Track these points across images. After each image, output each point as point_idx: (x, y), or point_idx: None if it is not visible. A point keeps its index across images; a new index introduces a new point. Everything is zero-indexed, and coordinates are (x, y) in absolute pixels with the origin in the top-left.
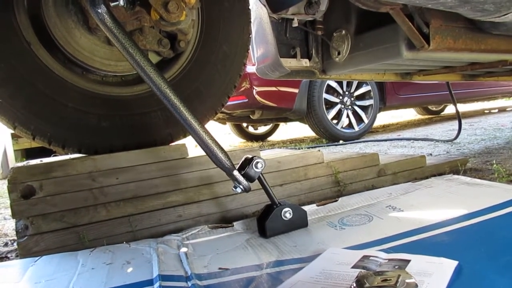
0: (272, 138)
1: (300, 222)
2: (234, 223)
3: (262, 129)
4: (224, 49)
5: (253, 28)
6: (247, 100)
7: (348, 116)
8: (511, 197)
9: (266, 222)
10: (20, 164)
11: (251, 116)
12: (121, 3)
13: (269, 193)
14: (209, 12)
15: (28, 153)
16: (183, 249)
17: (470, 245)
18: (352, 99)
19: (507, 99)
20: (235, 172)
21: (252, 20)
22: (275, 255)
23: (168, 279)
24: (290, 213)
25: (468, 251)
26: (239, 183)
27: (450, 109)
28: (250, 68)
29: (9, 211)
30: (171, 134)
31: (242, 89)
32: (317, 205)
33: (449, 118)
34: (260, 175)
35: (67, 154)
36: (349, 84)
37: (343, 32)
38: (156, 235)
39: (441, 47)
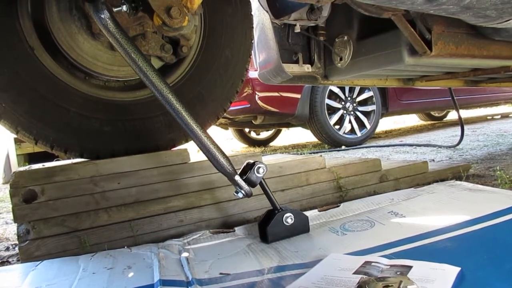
0: (274, 143)
1: (301, 227)
2: (236, 228)
3: (264, 135)
4: (227, 54)
5: (256, 33)
6: (249, 105)
7: (350, 121)
8: None
9: (267, 227)
10: (22, 168)
11: (253, 121)
12: (124, 8)
13: (270, 198)
14: (212, 17)
15: (31, 158)
16: (184, 254)
17: (473, 252)
18: (354, 104)
19: (510, 105)
20: (237, 177)
21: (254, 25)
22: (276, 261)
23: (169, 284)
24: (291, 219)
25: (471, 257)
26: (241, 188)
27: (452, 115)
28: (253, 74)
29: (11, 216)
30: (173, 139)
31: (245, 94)
32: (319, 211)
33: (452, 124)
34: (262, 180)
35: (69, 158)
36: (351, 90)
37: (345, 37)
38: (157, 240)
39: (443, 53)
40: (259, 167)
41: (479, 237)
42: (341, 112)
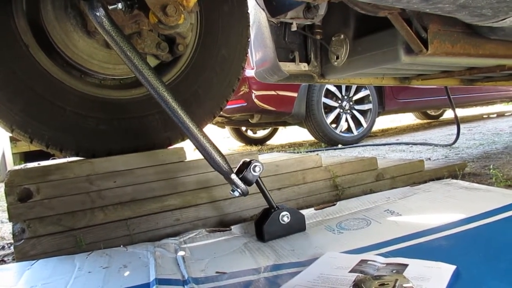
0: (271, 142)
1: (298, 226)
2: (232, 227)
3: (261, 133)
4: (223, 52)
5: (252, 32)
6: (246, 104)
7: (347, 120)
8: (509, 202)
9: (264, 226)
10: (17, 167)
11: (250, 120)
12: (120, 6)
13: (267, 196)
14: (208, 15)
15: (27, 156)
16: (181, 253)
17: (468, 250)
18: (351, 103)
19: (506, 104)
20: (233, 176)
21: (251, 24)
22: (272, 259)
23: (165, 282)
24: (288, 217)
25: (466, 255)
26: (237, 186)
27: (448, 114)
28: (249, 72)
29: (6, 214)
30: (169, 138)
31: (241, 93)
32: (315, 209)
33: (448, 122)
34: (258, 178)
35: (65, 157)
36: (348, 88)
37: (342, 36)
38: (154, 238)
39: (439, 52)
40: (255, 166)
41: (474, 236)
42: (337, 110)
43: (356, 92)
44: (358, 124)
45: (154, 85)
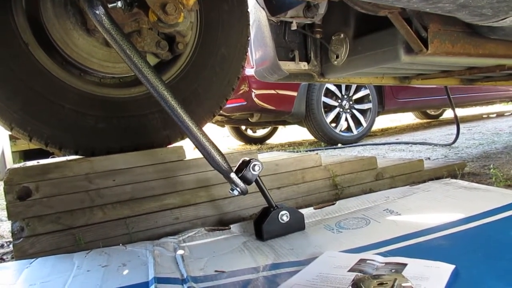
0: (271, 141)
1: (297, 225)
2: (231, 226)
3: (260, 132)
4: (223, 51)
5: (252, 30)
6: (245, 103)
7: (346, 119)
8: (508, 202)
9: (263, 225)
10: (16, 165)
11: (249, 119)
12: (119, 4)
13: (266, 195)
14: (208, 14)
15: (26, 155)
16: (180, 252)
17: (467, 249)
18: (351, 102)
19: (505, 104)
20: (232, 175)
21: (250, 22)
22: (271, 258)
23: (164, 281)
24: (287, 216)
25: (465, 255)
26: (236, 185)
27: (448, 114)
28: (249, 71)
29: (5, 213)
30: (169, 136)
31: (241, 91)
32: (315, 208)
33: (448, 122)
34: (258, 177)
35: (64, 155)
36: (348, 88)
37: (342, 35)
38: (153, 237)
39: (439, 51)
40: (254, 165)
41: (473, 235)
42: (337, 110)
43: (356, 92)
44: (357, 123)
45: (154, 83)
